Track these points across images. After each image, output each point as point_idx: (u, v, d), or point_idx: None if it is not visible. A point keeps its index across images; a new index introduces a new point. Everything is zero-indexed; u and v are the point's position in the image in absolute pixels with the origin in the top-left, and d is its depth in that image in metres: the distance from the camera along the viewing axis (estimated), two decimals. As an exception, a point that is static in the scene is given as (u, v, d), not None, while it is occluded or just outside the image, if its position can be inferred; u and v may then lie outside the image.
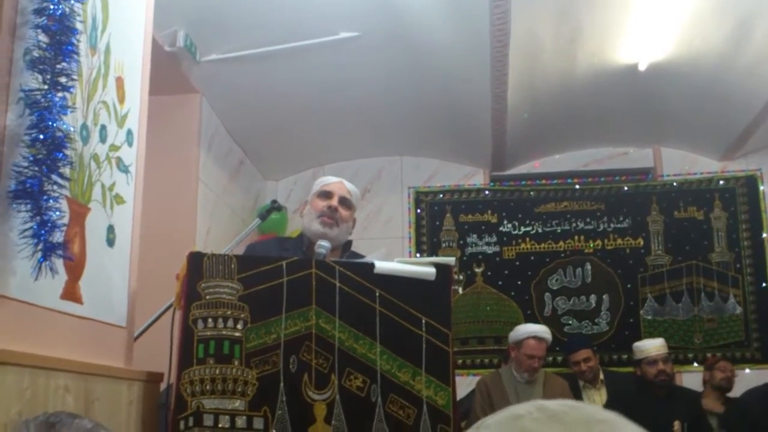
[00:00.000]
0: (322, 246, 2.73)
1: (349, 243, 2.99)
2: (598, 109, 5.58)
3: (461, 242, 6.21)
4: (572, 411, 0.79)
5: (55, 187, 1.81)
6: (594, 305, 6.04)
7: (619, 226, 6.14)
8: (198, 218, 4.71)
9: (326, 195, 2.94)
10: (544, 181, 6.33)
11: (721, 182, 6.15)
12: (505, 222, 6.21)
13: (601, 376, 5.01)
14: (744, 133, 5.66)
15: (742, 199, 6.11)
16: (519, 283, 6.11)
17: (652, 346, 4.69)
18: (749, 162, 6.15)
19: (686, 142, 6.13)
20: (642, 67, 4.87)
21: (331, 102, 5.17)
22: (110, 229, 2.28)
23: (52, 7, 1.85)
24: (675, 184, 6.17)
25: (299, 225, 3.10)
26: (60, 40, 1.86)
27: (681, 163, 6.24)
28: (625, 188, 6.21)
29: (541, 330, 4.67)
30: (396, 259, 2.52)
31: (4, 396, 1.68)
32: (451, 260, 2.57)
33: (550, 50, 4.71)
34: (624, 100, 5.44)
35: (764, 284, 5.94)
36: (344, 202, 2.94)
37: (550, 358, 5.90)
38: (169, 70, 4.24)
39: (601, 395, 4.90)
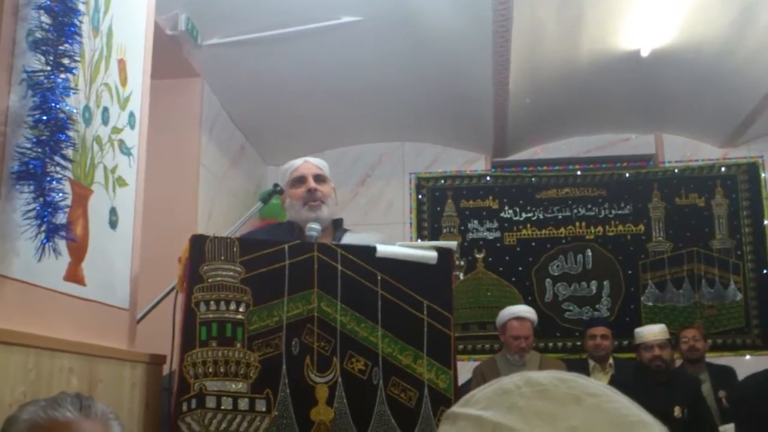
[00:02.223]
0: (313, 229, 2.71)
1: (339, 221, 2.97)
2: (600, 96, 5.57)
3: (462, 228, 6.21)
4: (562, 384, 0.76)
5: (58, 169, 1.82)
6: (595, 291, 6.05)
7: (620, 212, 6.14)
8: (199, 203, 4.71)
9: (299, 180, 2.91)
10: (545, 168, 6.33)
11: (723, 169, 6.15)
12: (506, 208, 6.21)
13: (611, 361, 5.03)
14: (746, 120, 5.65)
15: (744, 186, 6.10)
16: (520, 269, 6.12)
17: (649, 331, 4.72)
18: (751, 149, 6.15)
19: (688, 128, 6.12)
20: (644, 54, 4.86)
21: (333, 87, 5.16)
22: (113, 211, 2.28)
23: (54, -13, 1.84)
24: (676, 170, 6.17)
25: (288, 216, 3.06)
26: (62, 21, 1.86)
27: (683, 149, 6.24)
28: (627, 175, 6.21)
29: (522, 309, 4.70)
30: (398, 242, 2.52)
31: (9, 376, 1.69)
32: (452, 244, 2.58)
33: (553, 36, 4.69)
34: (626, 87, 5.43)
35: (765, 271, 5.95)
36: (318, 178, 2.91)
37: (551, 344, 5.93)
38: (171, 53, 4.23)
39: (607, 379, 4.93)
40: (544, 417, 0.73)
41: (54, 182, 1.80)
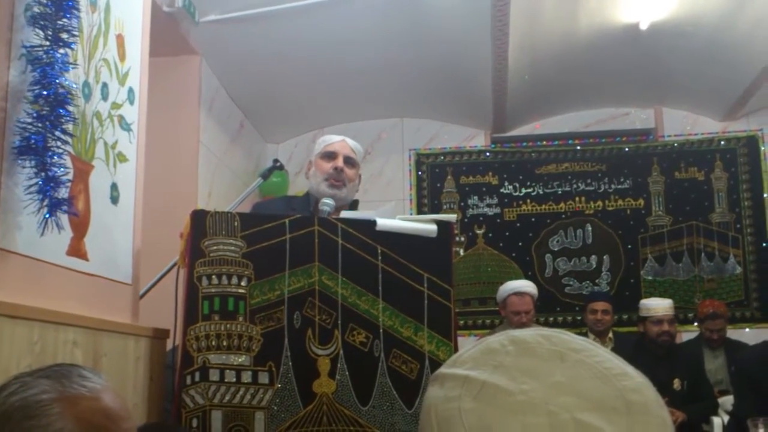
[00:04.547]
0: (326, 204, 2.77)
1: (355, 203, 3.01)
2: (599, 70, 5.55)
3: (462, 204, 6.22)
4: (545, 341, 0.78)
5: (59, 144, 1.82)
6: (595, 266, 6.07)
7: (619, 187, 6.15)
8: (199, 180, 4.71)
9: (330, 156, 2.94)
10: (545, 143, 6.32)
11: (722, 143, 6.14)
12: (506, 183, 6.21)
13: (610, 335, 5.07)
14: (745, 94, 5.64)
15: (743, 159, 6.11)
16: (520, 244, 6.14)
17: (660, 306, 4.72)
18: (750, 122, 6.14)
19: (687, 102, 6.11)
20: (643, 27, 4.84)
21: (332, 63, 5.14)
22: (114, 186, 2.29)
23: (51, -38, 1.84)
24: (676, 144, 6.17)
25: (301, 186, 3.12)
26: (60, -5, 1.86)
27: (682, 123, 6.23)
28: (626, 149, 6.21)
29: (522, 285, 4.73)
30: (398, 216, 2.54)
31: (15, 349, 1.71)
32: (452, 217, 2.59)
33: (551, 11, 4.67)
34: (625, 61, 5.41)
35: (764, 244, 5.97)
36: (348, 161, 2.95)
37: (551, 319, 5.96)
38: (168, 31, 4.21)
39: (607, 352, 4.97)
40: (529, 374, 0.74)
41: (55, 157, 1.81)
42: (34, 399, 1.09)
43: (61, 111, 1.82)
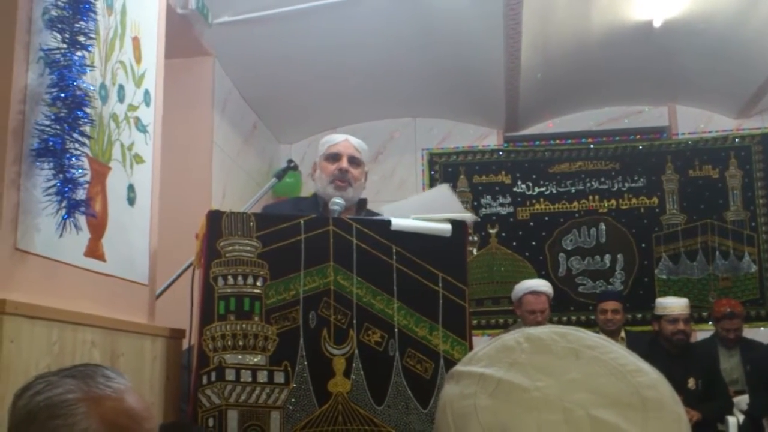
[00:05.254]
0: (337, 203, 2.77)
1: (363, 201, 3.01)
2: (612, 68, 5.54)
3: (475, 203, 6.22)
4: (560, 339, 0.79)
5: (76, 145, 1.84)
6: (608, 265, 6.05)
7: (633, 185, 6.12)
8: (213, 181, 4.73)
9: (334, 157, 2.94)
10: (558, 141, 6.31)
11: (737, 140, 6.11)
12: (519, 183, 6.20)
13: (622, 334, 5.05)
14: (759, 91, 5.61)
15: (758, 156, 6.07)
16: (533, 243, 6.13)
17: (676, 304, 4.69)
18: (765, 119, 6.10)
19: (701, 99, 6.07)
20: (657, 24, 4.82)
21: (344, 64, 5.15)
22: (130, 188, 2.31)
23: (68, -34, 1.86)
24: (690, 142, 6.14)
25: (313, 188, 3.13)
26: (77, -2, 1.88)
27: (696, 121, 6.20)
28: (640, 147, 6.18)
29: (538, 284, 4.71)
30: (412, 215, 2.54)
31: (34, 349, 1.72)
32: (466, 216, 2.60)
33: (564, 9, 4.66)
34: (638, 58, 5.39)
35: (779, 242, 5.94)
36: (353, 161, 2.95)
37: (565, 318, 5.94)
38: (182, 33, 4.23)
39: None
40: (545, 371, 0.75)
41: (73, 159, 1.83)
42: (59, 398, 1.10)
43: (78, 113, 1.84)
